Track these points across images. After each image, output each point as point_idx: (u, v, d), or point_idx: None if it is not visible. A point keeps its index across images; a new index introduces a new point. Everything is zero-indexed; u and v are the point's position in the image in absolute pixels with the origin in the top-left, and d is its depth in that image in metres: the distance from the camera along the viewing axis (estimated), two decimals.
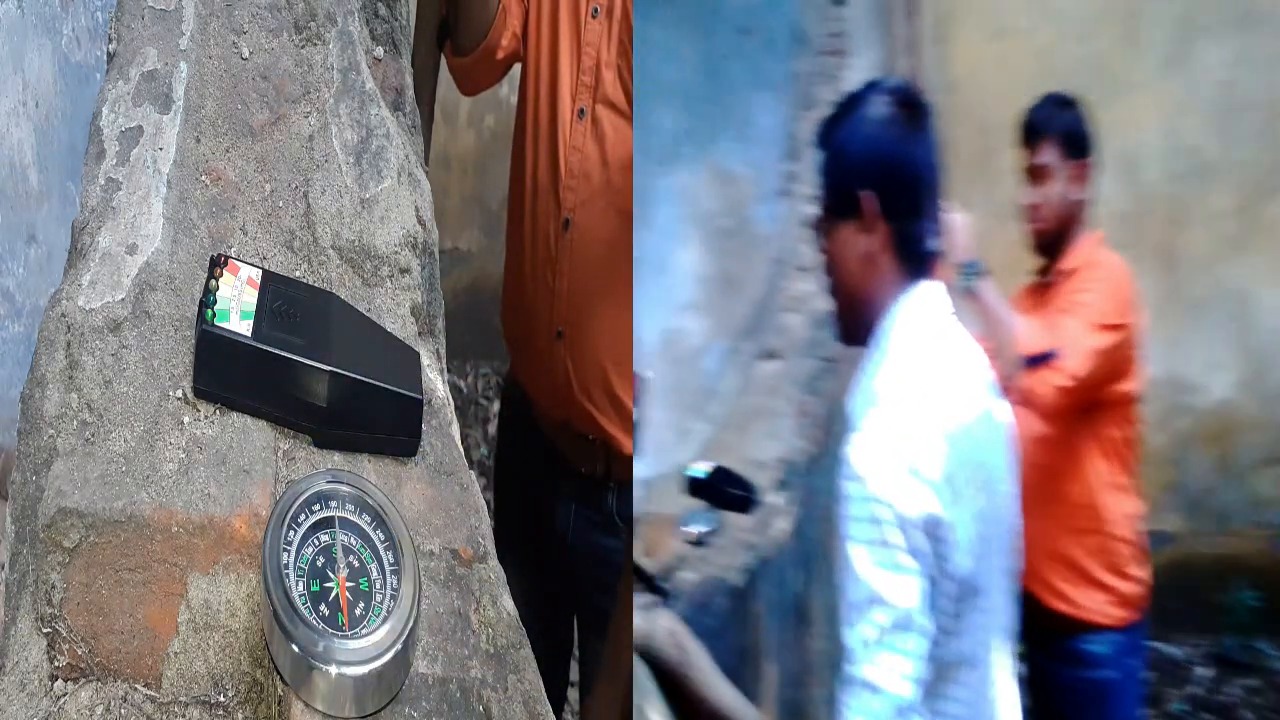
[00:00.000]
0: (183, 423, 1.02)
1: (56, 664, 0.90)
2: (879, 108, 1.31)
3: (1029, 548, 1.49)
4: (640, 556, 2.02)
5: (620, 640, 1.60)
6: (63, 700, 0.89)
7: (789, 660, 2.24)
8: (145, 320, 1.06)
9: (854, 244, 1.31)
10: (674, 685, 1.58)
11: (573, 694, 2.16)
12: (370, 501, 0.95)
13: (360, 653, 0.87)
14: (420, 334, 1.26)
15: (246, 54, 1.33)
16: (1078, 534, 2.04)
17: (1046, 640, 2.02)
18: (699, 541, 1.95)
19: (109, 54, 1.29)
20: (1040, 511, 1.79)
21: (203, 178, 1.22)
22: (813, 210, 1.42)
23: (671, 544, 2.03)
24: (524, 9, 1.80)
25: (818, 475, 2.33)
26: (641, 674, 1.54)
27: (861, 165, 1.30)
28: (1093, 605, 2.03)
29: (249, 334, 1.04)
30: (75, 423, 0.98)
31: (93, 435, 0.98)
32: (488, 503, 1.24)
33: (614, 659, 1.63)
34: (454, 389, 1.33)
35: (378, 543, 0.94)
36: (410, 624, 0.90)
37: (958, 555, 1.19)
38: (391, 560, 0.93)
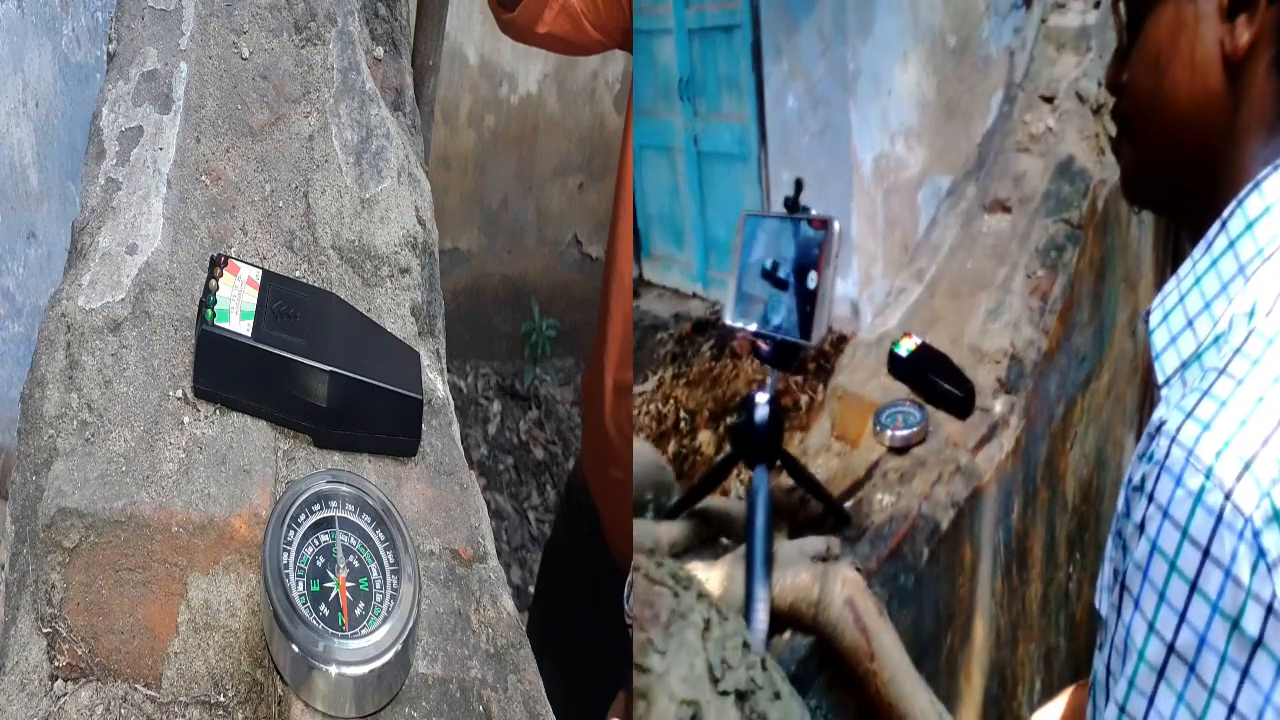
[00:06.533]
0: (183, 423, 1.02)
1: (56, 664, 0.90)
2: None
3: None
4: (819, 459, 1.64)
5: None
6: (63, 700, 0.89)
7: (1000, 614, 1.80)
8: (145, 320, 1.06)
9: (1202, 33, 0.76)
10: (852, 680, 1.18)
11: None
12: (370, 501, 0.95)
13: (360, 653, 0.87)
14: (420, 334, 1.26)
15: (246, 54, 1.33)
16: None
17: None
18: (895, 446, 1.65)
19: (109, 54, 1.29)
20: None
21: (203, 178, 1.22)
22: None
23: (863, 431, 1.68)
24: None
25: (1049, 377, 1.84)
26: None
27: None
28: None
29: (249, 334, 1.04)
30: (75, 423, 0.98)
31: (93, 435, 0.98)
32: (487, 502, 1.24)
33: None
34: (454, 389, 1.33)
35: (378, 543, 0.94)
36: (410, 624, 0.90)
37: None
38: (391, 560, 0.93)
